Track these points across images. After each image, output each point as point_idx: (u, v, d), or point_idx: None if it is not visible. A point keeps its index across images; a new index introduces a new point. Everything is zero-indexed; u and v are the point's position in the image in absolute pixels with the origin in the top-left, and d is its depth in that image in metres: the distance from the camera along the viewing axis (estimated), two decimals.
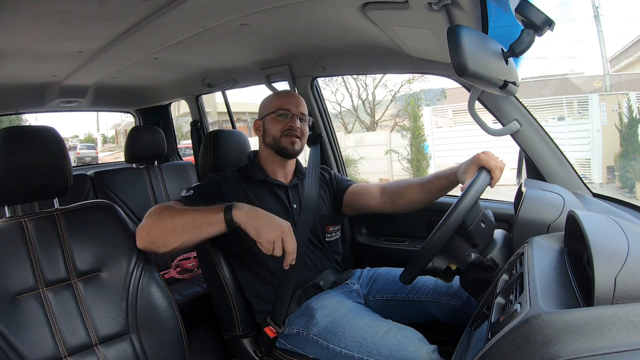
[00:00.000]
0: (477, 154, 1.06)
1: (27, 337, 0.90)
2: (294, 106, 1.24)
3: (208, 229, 0.95)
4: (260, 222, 0.93)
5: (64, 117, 42.45)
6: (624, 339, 0.45)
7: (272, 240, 0.91)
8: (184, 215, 0.97)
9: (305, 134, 1.26)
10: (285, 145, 1.22)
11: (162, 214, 0.99)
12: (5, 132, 0.96)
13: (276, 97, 1.28)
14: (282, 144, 1.22)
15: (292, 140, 1.21)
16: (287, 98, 1.26)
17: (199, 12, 1.07)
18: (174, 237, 0.96)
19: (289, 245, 0.92)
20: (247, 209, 0.95)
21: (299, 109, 1.24)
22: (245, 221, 0.93)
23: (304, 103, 1.28)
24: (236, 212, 0.94)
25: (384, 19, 1.05)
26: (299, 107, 1.25)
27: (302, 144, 1.25)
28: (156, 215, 1.00)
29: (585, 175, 6.11)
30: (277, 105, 1.24)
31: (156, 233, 0.98)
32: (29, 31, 1.17)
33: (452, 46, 0.74)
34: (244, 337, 1.24)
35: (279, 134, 1.22)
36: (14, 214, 1.01)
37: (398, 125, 9.32)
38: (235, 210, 0.94)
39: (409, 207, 1.25)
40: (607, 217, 0.68)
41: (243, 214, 0.94)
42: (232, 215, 0.94)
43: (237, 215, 0.94)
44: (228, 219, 0.94)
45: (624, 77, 7.64)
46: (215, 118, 11.52)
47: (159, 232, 0.98)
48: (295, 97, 1.28)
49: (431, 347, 0.93)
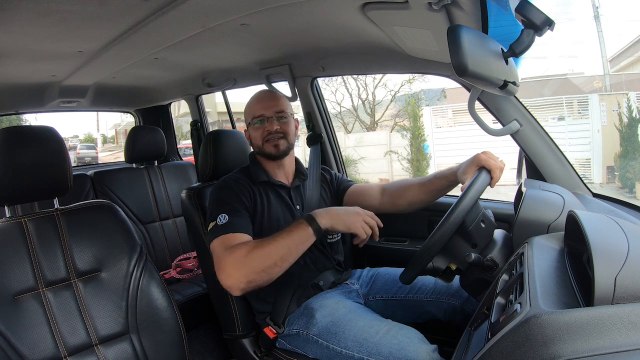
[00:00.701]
0: (477, 154, 1.06)
1: (27, 337, 0.90)
2: (267, 109, 1.22)
3: (304, 246, 1.01)
4: (344, 217, 1.04)
5: (64, 117, 42.46)
6: (624, 339, 0.44)
7: (359, 226, 1.03)
8: (277, 247, 0.97)
9: (290, 131, 1.24)
10: (269, 151, 1.22)
11: (252, 256, 0.96)
12: (5, 132, 0.96)
13: (250, 105, 1.26)
14: (267, 150, 1.22)
15: (275, 143, 1.21)
16: (260, 102, 1.24)
17: (199, 12, 1.07)
18: (276, 270, 0.98)
19: (372, 221, 1.05)
20: (326, 213, 1.04)
21: (274, 108, 1.22)
22: (332, 223, 1.02)
23: (280, 100, 1.26)
24: (321, 220, 1.02)
25: (384, 19, 1.05)
26: (274, 107, 1.23)
27: (290, 141, 1.24)
28: (244, 260, 0.96)
29: (585, 175, 6.11)
30: (251, 113, 1.24)
31: (256, 277, 0.96)
32: (29, 31, 1.17)
33: (452, 46, 0.74)
34: (244, 337, 1.24)
35: (261, 141, 1.22)
36: (14, 214, 1.01)
37: (398, 125, 9.32)
38: (319, 219, 1.02)
39: (409, 207, 1.25)
40: (607, 217, 0.68)
41: (327, 218, 1.02)
42: (319, 225, 1.01)
43: (323, 223, 1.02)
44: (317, 229, 1.01)
45: (624, 77, 7.64)
46: (215, 118, 11.52)
47: (260, 275, 0.96)
48: (268, 98, 1.26)
49: (431, 347, 0.93)
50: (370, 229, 1.04)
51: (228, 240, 1.03)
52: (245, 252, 0.97)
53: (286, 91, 1.73)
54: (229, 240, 1.02)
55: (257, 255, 0.96)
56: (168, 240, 2.09)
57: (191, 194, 1.31)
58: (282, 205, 1.23)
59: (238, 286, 0.95)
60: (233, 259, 0.96)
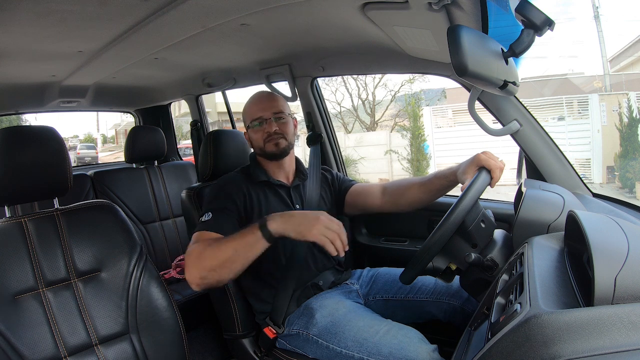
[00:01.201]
0: (477, 154, 1.06)
1: (27, 337, 0.90)
2: (265, 110, 1.22)
3: (253, 250, 0.95)
4: (298, 223, 0.93)
5: (64, 117, 42.45)
6: (624, 339, 0.44)
7: (316, 233, 0.91)
8: (225, 248, 0.95)
9: (289, 131, 1.24)
10: (270, 150, 1.22)
11: (204, 254, 0.97)
12: (5, 132, 0.96)
13: (248, 108, 1.26)
14: (268, 150, 1.22)
15: (275, 142, 1.21)
16: (257, 104, 1.25)
17: (199, 12, 1.07)
18: (226, 272, 0.96)
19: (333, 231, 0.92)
20: (279, 217, 0.95)
21: (272, 110, 1.22)
22: (283, 228, 0.93)
23: (278, 101, 1.26)
24: (272, 224, 0.94)
25: (384, 19, 1.05)
26: (272, 108, 1.23)
27: (290, 140, 1.24)
28: (198, 257, 0.97)
29: (585, 175, 6.11)
30: (250, 116, 1.25)
31: (208, 275, 0.96)
32: (29, 31, 1.17)
33: (452, 46, 0.74)
34: (244, 337, 1.24)
35: (262, 142, 1.22)
36: (14, 214, 1.01)
37: (398, 125, 9.32)
38: (270, 223, 0.94)
39: (410, 206, 1.25)
40: (607, 217, 0.68)
41: (278, 222, 0.94)
42: (268, 229, 0.93)
43: (273, 227, 0.93)
44: (267, 234, 0.94)
45: (624, 77, 7.63)
46: (215, 118, 11.52)
47: (210, 274, 0.96)
48: (265, 99, 1.26)
49: (431, 347, 0.93)
50: (331, 239, 0.92)
51: (200, 236, 1.04)
52: (201, 249, 0.98)
53: (286, 91, 1.73)
54: (200, 237, 1.03)
55: (208, 254, 0.96)
56: (168, 240, 2.09)
57: (191, 194, 1.31)
58: (281, 204, 1.23)
59: (194, 281, 0.96)
60: (192, 255, 0.98)
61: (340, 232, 0.93)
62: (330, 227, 0.92)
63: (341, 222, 0.95)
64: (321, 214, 0.95)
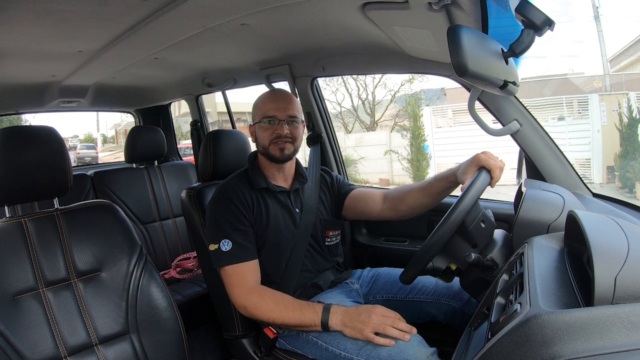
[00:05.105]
0: (477, 154, 1.06)
1: (27, 336, 0.90)
2: (280, 111, 1.18)
3: (304, 327, 1.05)
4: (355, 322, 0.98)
5: (64, 117, 42.46)
6: (624, 339, 0.44)
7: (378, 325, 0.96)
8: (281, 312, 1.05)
9: (298, 136, 1.22)
10: (274, 154, 1.19)
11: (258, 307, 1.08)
12: (5, 132, 0.96)
13: (263, 102, 1.22)
14: (271, 152, 1.19)
15: (281, 147, 1.18)
16: (274, 102, 1.20)
17: (199, 12, 1.07)
18: (270, 320, 1.08)
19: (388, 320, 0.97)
20: (341, 314, 1.01)
21: (287, 112, 1.19)
22: (342, 328, 1.00)
23: (294, 104, 1.22)
24: (332, 319, 1.01)
25: (384, 19, 1.05)
26: (287, 110, 1.19)
27: (296, 147, 1.22)
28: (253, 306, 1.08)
29: (585, 175, 6.11)
30: (263, 112, 1.20)
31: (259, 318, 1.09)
32: (29, 31, 1.17)
33: (452, 46, 0.74)
34: (244, 337, 1.24)
35: (268, 142, 1.19)
36: (14, 214, 1.01)
37: (398, 125, 9.33)
38: (332, 317, 1.01)
39: (411, 212, 1.23)
40: (607, 217, 0.68)
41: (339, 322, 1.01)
42: (328, 322, 1.01)
43: (333, 323, 1.01)
44: (324, 323, 1.02)
45: (624, 77, 7.64)
46: (215, 118, 11.52)
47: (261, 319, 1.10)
48: (282, 100, 1.22)
49: (430, 350, 0.93)
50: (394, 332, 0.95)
51: (238, 273, 1.11)
52: (255, 301, 1.08)
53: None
54: (239, 273, 1.11)
55: (264, 309, 1.07)
56: (168, 240, 2.09)
57: (191, 194, 1.30)
58: (281, 209, 1.22)
59: (248, 312, 1.09)
60: (247, 301, 1.08)
61: (396, 318, 0.98)
62: (388, 315, 0.98)
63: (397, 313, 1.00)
64: (380, 310, 1.00)
